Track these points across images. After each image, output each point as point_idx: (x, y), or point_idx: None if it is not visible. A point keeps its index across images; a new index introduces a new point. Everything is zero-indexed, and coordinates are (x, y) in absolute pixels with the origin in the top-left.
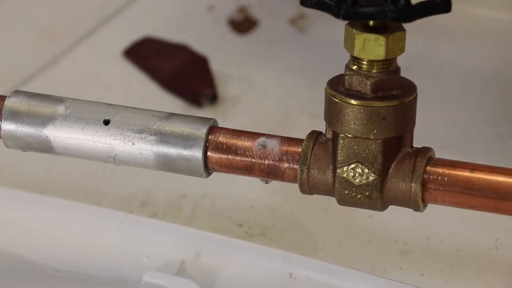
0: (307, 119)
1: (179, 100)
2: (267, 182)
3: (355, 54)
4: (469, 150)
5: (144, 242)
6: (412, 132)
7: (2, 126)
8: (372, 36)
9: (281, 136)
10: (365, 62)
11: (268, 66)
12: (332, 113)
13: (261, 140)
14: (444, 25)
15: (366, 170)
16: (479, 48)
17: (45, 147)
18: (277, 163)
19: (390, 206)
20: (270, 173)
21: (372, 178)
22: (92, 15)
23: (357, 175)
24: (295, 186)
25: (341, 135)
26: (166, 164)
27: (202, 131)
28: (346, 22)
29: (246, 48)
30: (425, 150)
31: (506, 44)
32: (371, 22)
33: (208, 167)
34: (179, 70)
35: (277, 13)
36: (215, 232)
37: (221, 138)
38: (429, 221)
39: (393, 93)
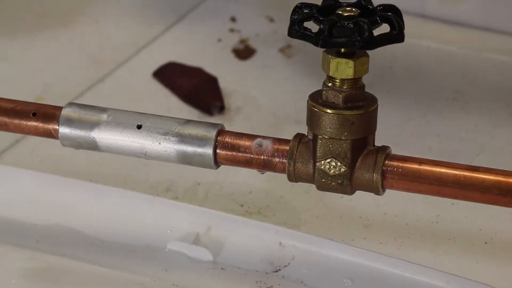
0: (293, 124)
1: (195, 110)
2: (262, 172)
3: (330, 74)
4: (417, 148)
5: (168, 219)
6: (374, 134)
7: (59, 130)
8: (343, 60)
9: (273, 137)
10: (338, 80)
11: (263, 84)
12: (312, 119)
13: (258, 140)
14: (397, 53)
15: (339, 164)
16: (423, 70)
17: (92, 146)
18: (270, 158)
19: (356, 191)
20: (264, 166)
21: (343, 170)
22: (129, 46)
23: (331, 167)
24: (284, 176)
25: (319, 136)
26: (184, 159)
27: (212, 133)
28: (323, 49)
29: (246, 70)
30: (384, 148)
31: (444, 67)
32: (342, 49)
33: (217, 161)
34: (195, 87)
35: (270, 44)
36: (223, 211)
37: (227, 139)
38: (386, 202)
39: (359, 104)
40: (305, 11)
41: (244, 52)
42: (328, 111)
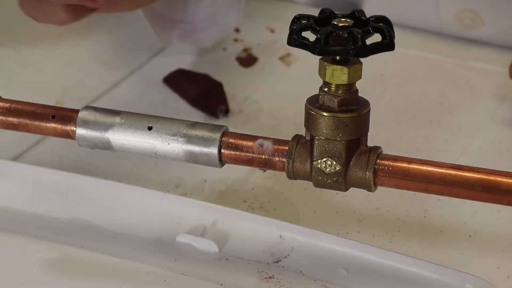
0: (292, 126)
1: (202, 113)
2: (264, 171)
3: (326, 80)
4: (406, 148)
5: (177, 213)
6: (366, 135)
7: (76, 131)
8: (338, 67)
9: (274, 138)
10: (333, 86)
11: (264, 90)
12: (310, 121)
13: (259, 141)
14: (387, 60)
15: (334, 163)
16: (412, 78)
17: (107, 146)
18: (270, 157)
19: (350, 188)
20: (266, 165)
21: (338, 168)
22: (141, 54)
23: (327, 166)
24: (284, 174)
25: (316, 137)
26: (192, 158)
27: (217, 134)
28: (320, 57)
29: (249, 77)
30: (376, 148)
31: (430, 74)
32: (337, 57)
33: (222, 160)
34: (202, 92)
35: (270, 52)
36: (227, 206)
37: (231, 140)
38: (378, 198)
39: (353, 107)
40: (303, 21)
41: (247, 60)
42: (324, 114)
